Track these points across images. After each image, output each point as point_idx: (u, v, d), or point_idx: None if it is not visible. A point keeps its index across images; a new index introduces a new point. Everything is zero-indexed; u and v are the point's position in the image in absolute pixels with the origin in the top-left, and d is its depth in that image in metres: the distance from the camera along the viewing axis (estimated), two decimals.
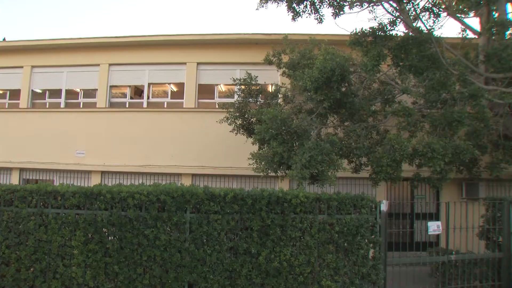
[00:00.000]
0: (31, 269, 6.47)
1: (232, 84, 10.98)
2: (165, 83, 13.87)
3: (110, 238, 6.56)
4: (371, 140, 8.95)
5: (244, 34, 12.85)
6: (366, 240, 6.79)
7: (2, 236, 6.48)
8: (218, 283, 6.43)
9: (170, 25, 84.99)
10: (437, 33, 8.20)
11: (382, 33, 8.05)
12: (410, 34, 8.10)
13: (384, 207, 7.00)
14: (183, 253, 6.44)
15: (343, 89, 8.17)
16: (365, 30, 8.11)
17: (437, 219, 10.90)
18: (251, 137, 9.12)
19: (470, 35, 9.83)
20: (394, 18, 8.32)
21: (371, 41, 8.14)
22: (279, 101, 10.09)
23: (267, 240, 6.50)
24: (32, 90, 14.45)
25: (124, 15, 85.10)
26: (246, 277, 6.49)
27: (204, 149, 12.43)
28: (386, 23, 8.14)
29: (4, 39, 15.71)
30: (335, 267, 6.61)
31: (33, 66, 14.29)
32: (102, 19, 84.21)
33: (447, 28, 57.98)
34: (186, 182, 12.10)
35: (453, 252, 7.95)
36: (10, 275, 6.40)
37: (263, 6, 9.70)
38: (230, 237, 6.59)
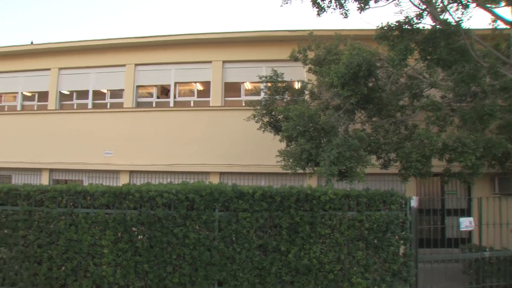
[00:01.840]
0: (63, 268, 7.18)
1: (258, 82, 11.80)
2: (191, 82, 14.83)
3: (139, 237, 7.16)
4: (399, 136, 9.42)
5: (269, 31, 13.68)
6: (397, 237, 7.29)
7: (34, 235, 7.17)
8: (247, 281, 7.00)
9: (195, 24, 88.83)
10: (465, 24, 8.65)
11: (408, 27, 8.50)
12: (438, 26, 8.51)
13: (414, 203, 7.50)
14: (213, 251, 7.04)
15: (370, 84, 8.67)
16: (391, 24, 8.60)
17: (469, 215, 11.34)
18: (279, 134, 9.68)
19: (501, 25, 9.99)
20: (421, 11, 8.72)
21: (398, 35, 8.58)
22: (305, 97, 10.66)
23: (296, 237, 7.07)
24: (59, 91, 15.73)
25: (148, 16, 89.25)
26: (275, 275, 7.05)
27: (232, 147, 13.28)
28: (412, 16, 8.59)
29: (31, 43, 16.79)
30: (365, 264, 7.14)
31: (60, 68, 15.56)
32: (127, 20, 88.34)
33: (476, 19, 58.62)
34: (214, 180, 12.86)
35: (487, 249, 8.35)
36: (42, 273, 7.12)
37: (287, 3, 10.44)
38: (259, 235, 7.15)
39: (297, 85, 11.75)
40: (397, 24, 8.49)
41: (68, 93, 16.00)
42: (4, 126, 15.72)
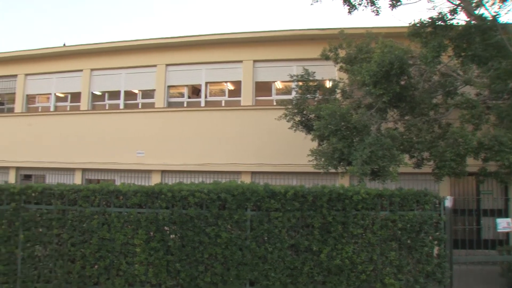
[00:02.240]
0: (96, 266, 7.43)
1: (289, 81, 11.97)
2: (222, 82, 15.19)
3: (171, 236, 7.37)
4: (433, 134, 9.44)
5: (300, 30, 13.86)
6: (430, 237, 7.33)
7: (67, 234, 7.46)
8: (279, 281, 7.14)
9: (226, 24, 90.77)
10: (502, 19, 9.05)
11: (442, 23, 8.61)
12: (473, 22, 8.60)
13: (448, 203, 7.51)
14: (244, 251, 7.20)
15: (403, 82, 8.74)
16: (424, 20, 8.74)
17: (506, 216, 11.18)
18: (310, 133, 9.87)
19: None
20: (455, 6, 8.85)
21: (431, 32, 8.69)
22: (337, 96, 10.70)
23: (328, 237, 7.18)
24: (91, 92, 16.35)
25: (179, 16, 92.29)
26: (307, 275, 7.18)
27: (263, 147, 13.56)
28: (446, 12, 8.72)
29: (64, 45, 17.39)
30: (398, 264, 7.19)
31: (92, 69, 16.16)
32: (158, 21, 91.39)
33: None
34: (246, 180, 13.11)
35: None
36: (76, 271, 7.40)
37: (317, 1, 10.37)
38: (291, 234, 7.28)
39: (328, 84, 11.82)
40: (430, 20, 8.56)
41: (100, 93, 16.58)
42: (38, 127, 16.35)
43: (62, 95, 17.22)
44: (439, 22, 8.66)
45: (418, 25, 8.75)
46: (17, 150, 16.32)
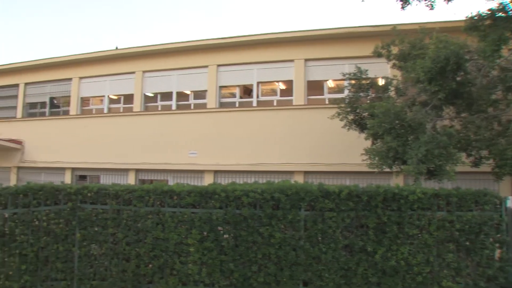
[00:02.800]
0: (150, 265, 7.76)
1: (341, 79, 12.13)
2: (273, 82, 15.59)
3: (225, 236, 7.61)
4: (492, 132, 9.38)
5: (351, 27, 14.04)
6: (491, 239, 7.26)
7: (122, 233, 7.83)
8: (333, 282, 7.26)
9: (276, 23, 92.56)
10: None
11: (503, 14, 8.51)
12: None
13: (510, 203, 7.42)
14: (298, 251, 7.36)
15: (459, 78, 8.71)
16: (483, 13, 8.66)
17: None
18: (364, 132, 10.05)
19: None
20: None
21: (490, 24, 8.60)
22: (391, 94, 10.77)
23: (383, 237, 7.25)
24: (144, 94, 17.15)
25: (228, 17, 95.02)
26: (362, 276, 7.26)
27: (316, 146, 13.80)
28: (508, 2, 8.57)
29: (116, 48, 18.28)
30: (457, 267, 7.17)
31: (144, 71, 17.01)
32: (206, 22, 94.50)
33: None
34: (299, 179, 13.41)
35: None
36: (130, 270, 7.76)
37: None
38: (345, 234, 7.40)
39: (381, 82, 11.89)
40: (489, 12, 8.44)
41: (152, 95, 17.33)
42: (93, 128, 17.33)
43: (115, 97, 18.11)
44: (500, 14, 8.52)
45: (476, 18, 8.66)
46: (72, 152, 17.36)
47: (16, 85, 20.53)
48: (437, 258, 7.33)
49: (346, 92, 11.49)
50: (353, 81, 10.91)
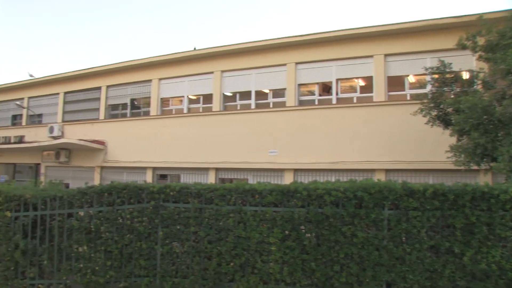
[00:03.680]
0: (231, 263, 8.13)
1: (423, 74, 12.22)
2: (352, 78, 15.90)
3: (307, 235, 7.87)
4: None
5: (433, 19, 14.06)
6: None
7: (204, 232, 8.28)
8: (418, 284, 7.32)
9: (355, 18, 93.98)
10: None
11: None
12: None
13: None
14: (381, 251, 7.49)
15: None
16: None
17: None
18: (448, 128, 10.06)
19: None
20: None
21: None
22: (477, 87, 10.70)
23: (472, 239, 7.21)
24: (223, 93, 18.03)
25: (304, 13, 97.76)
26: (448, 279, 7.26)
27: (397, 143, 14.03)
28: None
29: (194, 48, 19.29)
30: None
31: (222, 71, 17.88)
32: (284, 20, 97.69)
33: None
34: (380, 177, 12.87)
35: None
36: (212, 268, 8.20)
37: None
38: (431, 235, 7.42)
39: (465, 75, 11.84)
40: None
41: (231, 94, 18.16)
42: (173, 128, 18.45)
43: (194, 97, 19.18)
44: None
45: None
46: (153, 151, 18.60)
47: (99, 88, 22.57)
48: None
49: (429, 87, 11.53)
50: (436, 76, 10.90)
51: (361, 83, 16.02)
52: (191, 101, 19.72)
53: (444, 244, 7.45)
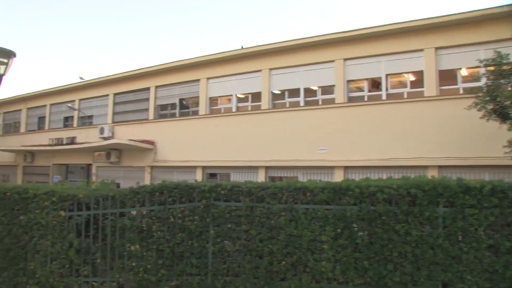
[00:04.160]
0: (283, 262, 8.28)
1: (476, 67, 12.17)
2: (402, 73, 15.95)
3: (359, 233, 7.96)
4: None
5: (485, 9, 13.93)
6: None
7: (255, 230, 8.46)
8: (476, 285, 7.27)
9: (403, 12, 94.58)
10: None
11: None
12: None
13: None
14: (436, 250, 7.47)
15: None
16: None
17: None
18: (506, 122, 10.02)
19: None
20: None
21: None
22: None
23: None
24: (271, 91, 18.47)
25: (350, 9, 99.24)
26: (510, 280, 7.17)
27: (450, 139, 14.00)
28: None
29: (241, 47, 19.82)
30: None
31: (270, 69, 18.23)
32: (329, 16, 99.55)
33: None
34: (433, 174, 13.50)
35: None
36: (263, 267, 8.37)
37: None
38: (489, 233, 7.37)
39: None
40: None
41: (279, 92, 18.52)
42: (222, 127, 18.99)
43: (242, 96, 19.71)
44: None
45: None
46: (202, 150, 19.22)
47: (147, 89, 23.53)
48: None
49: (484, 80, 11.45)
50: (492, 68, 10.80)
51: (411, 78, 16.07)
52: (239, 100, 20.25)
53: (504, 243, 7.34)
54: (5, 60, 9.62)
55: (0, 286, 10.07)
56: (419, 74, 15.76)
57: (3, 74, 9.56)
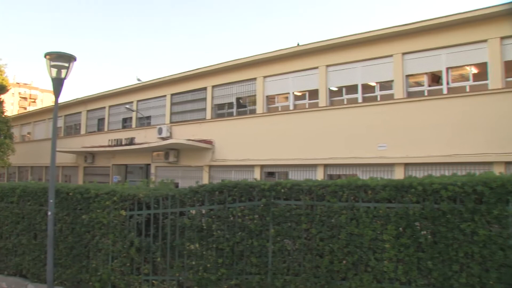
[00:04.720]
0: (344, 261, 8.34)
1: None
2: (464, 66, 15.87)
3: (422, 232, 7.89)
4: None
5: None
6: None
7: (316, 229, 8.56)
8: None
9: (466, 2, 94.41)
10: None
11: None
12: None
13: None
14: (507, 251, 7.33)
15: None
16: None
17: None
18: None
19: None
20: None
21: None
22: None
23: None
24: (329, 88, 18.80)
25: (411, 4, 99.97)
26: None
27: None
28: None
29: (298, 44, 20.24)
30: None
31: (327, 66, 18.57)
32: (386, 11, 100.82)
33: None
34: (500, 170, 12.98)
35: None
36: (324, 266, 8.46)
37: None
38: None
39: None
40: None
41: (336, 89, 18.82)
42: (279, 126, 19.48)
43: (299, 94, 20.11)
44: None
45: None
46: (260, 149, 19.70)
47: (204, 88, 24.43)
48: None
49: None
50: None
51: (474, 70, 15.90)
52: (296, 98, 20.61)
53: None
54: (66, 64, 10.17)
55: (65, 283, 10.68)
56: (482, 66, 15.65)
57: (64, 78, 10.14)
